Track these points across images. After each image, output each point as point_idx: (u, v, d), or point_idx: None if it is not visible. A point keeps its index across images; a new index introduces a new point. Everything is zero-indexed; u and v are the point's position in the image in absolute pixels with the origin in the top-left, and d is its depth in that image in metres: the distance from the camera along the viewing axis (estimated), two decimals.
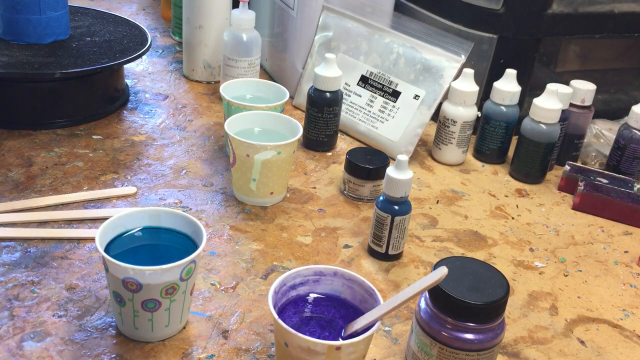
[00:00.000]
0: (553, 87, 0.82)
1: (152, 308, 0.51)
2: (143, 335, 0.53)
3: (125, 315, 0.52)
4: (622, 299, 0.67)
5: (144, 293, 0.50)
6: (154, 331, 0.53)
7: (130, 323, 0.53)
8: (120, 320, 0.53)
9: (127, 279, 0.50)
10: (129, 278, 0.50)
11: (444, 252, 0.71)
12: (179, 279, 0.51)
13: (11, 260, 0.61)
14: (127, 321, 0.53)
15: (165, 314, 0.52)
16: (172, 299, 0.52)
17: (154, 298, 0.51)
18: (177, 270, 0.50)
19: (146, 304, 0.51)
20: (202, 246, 0.52)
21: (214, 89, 1.00)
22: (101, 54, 0.86)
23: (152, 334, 0.53)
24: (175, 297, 0.52)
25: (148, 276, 0.49)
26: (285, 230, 0.71)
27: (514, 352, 0.58)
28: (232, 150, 0.71)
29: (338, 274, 0.53)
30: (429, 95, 0.86)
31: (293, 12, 0.95)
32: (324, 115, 0.85)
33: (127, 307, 0.51)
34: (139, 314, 0.52)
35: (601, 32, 0.95)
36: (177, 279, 0.51)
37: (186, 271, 0.51)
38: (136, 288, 0.50)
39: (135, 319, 0.52)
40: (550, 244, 0.74)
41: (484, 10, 0.90)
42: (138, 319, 0.52)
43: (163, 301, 0.51)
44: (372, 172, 0.75)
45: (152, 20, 1.25)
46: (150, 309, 0.51)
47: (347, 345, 0.47)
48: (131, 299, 0.51)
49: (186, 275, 0.51)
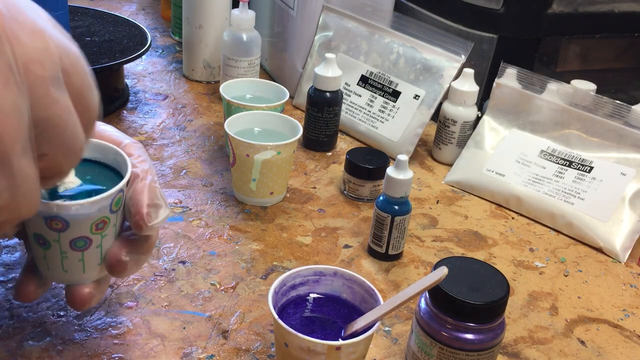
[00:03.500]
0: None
1: (82, 247, 0.46)
2: (73, 278, 0.47)
3: (51, 259, 0.46)
4: (622, 299, 0.67)
5: (72, 231, 0.45)
6: (86, 272, 0.47)
7: (57, 266, 0.47)
8: (45, 265, 0.47)
9: (51, 218, 0.44)
10: (54, 216, 0.43)
11: (444, 252, 0.71)
12: (109, 211, 0.45)
13: (11, 260, 0.61)
14: (53, 265, 0.47)
15: (97, 251, 0.47)
16: (103, 234, 0.46)
17: (83, 235, 0.45)
18: (107, 201, 0.45)
19: (75, 242, 0.45)
20: (128, 172, 0.46)
21: (214, 88, 1.00)
22: (101, 54, 0.86)
23: (85, 275, 0.47)
24: (107, 231, 0.46)
25: (75, 211, 0.43)
26: (285, 230, 0.71)
27: (514, 352, 0.58)
28: (232, 150, 0.71)
29: (338, 274, 0.53)
30: (429, 95, 0.86)
31: (293, 12, 0.95)
32: (324, 115, 0.85)
33: (53, 249, 0.45)
34: (68, 255, 0.46)
35: (601, 32, 0.95)
36: (107, 211, 0.45)
37: (115, 202, 0.46)
38: (62, 227, 0.44)
39: (64, 261, 0.46)
40: (550, 244, 0.74)
41: (484, 10, 0.90)
42: (67, 260, 0.46)
43: (94, 237, 0.46)
44: (372, 172, 0.75)
45: (152, 20, 1.25)
46: (80, 247, 0.46)
47: (347, 345, 0.47)
48: (57, 239, 0.45)
49: (116, 206, 0.46)
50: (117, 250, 0.47)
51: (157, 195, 0.47)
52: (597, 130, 0.78)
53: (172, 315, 0.57)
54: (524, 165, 0.80)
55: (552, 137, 0.81)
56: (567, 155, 0.79)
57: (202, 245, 0.66)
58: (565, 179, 0.77)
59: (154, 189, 0.46)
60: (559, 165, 0.79)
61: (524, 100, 0.83)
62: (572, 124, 0.80)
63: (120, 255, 0.46)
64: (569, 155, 0.79)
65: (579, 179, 0.77)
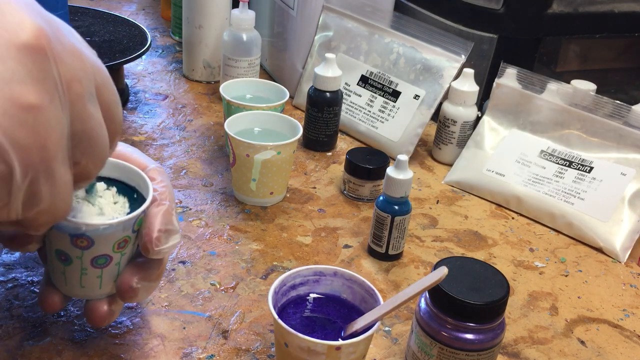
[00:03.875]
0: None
1: (102, 264, 0.47)
2: (89, 294, 0.49)
3: (70, 274, 0.48)
4: (622, 299, 0.67)
5: (96, 249, 0.46)
6: (102, 287, 0.49)
7: (76, 282, 0.48)
8: (63, 280, 0.48)
9: (78, 236, 0.45)
10: (80, 234, 0.45)
11: (444, 252, 0.71)
12: (131, 231, 0.47)
13: (11, 260, 0.61)
14: (72, 280, 0.48)
15: (115, 268, 0.48)
16: (122, 253, 0.48)
17: (105, 254, 0.47)
18: (131, 222, 0.47)
19: (97, 260, 0.47)
20: (150, 193, 0.48)
21: (214, 88, 1.00)
22: (101, 54, 0.85)
23: (101, 291, 0.49)
24: (126, 250, 0.48)
25: (102, 231, 0.45)
26: (285, 230, 0.71)
27: (514, 352, 0.58)
28: (232, 150, 0.71)
29: (338, 274, 0.53)
30: (429, 95, 0.86)
31: (293, 12, 0.95)
32: (324, 115, 0.85)
33: (74, 265, 0.47)
34: (87, 272, 0.47)
35: (601, 32, 0.95)
36: (130, 231, 0.47)
37: (138, 222, 0.47)
38: (87, 244, 0.46)
39: (83, 277, 0.48)
40: (550, 244, 0.74)
41: (484, 10, 0.90)
42: (86, 276, 0.48)
43: (114, 256, 0.48)
44: (372, 172, 0.75)
45: (152, 20, 1.25)
46: (101, 265, 0.47)
47: (347, 345, 0.47)
48: (80, 256, 0.47)
49: (137, 226, 0.48)
50: (129, 277, 0.48)
51: (172, 221, 0.48)
52: (597, 130, 0.78)
53: (172, 315, 0.57)
54: (524, 166, 0.80)
55: (552, 137, 0.81)
56: (567, 155, 0.79)
57: (202, 245, 0.66)
58: (565, 179, 0.77)
59: (170, 215, 0.48)
60: (559, 165, 0.79)
61: (524, 100, 0.83)
62: (572, 124, 0.80)
63: (132, 282, 0.48)
64: (569, 155, 0.79)
65: (579, 179, 0.77)
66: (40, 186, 0.36)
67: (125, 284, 0.48)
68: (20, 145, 0.34)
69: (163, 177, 0.51)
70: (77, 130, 0.37)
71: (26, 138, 0.34)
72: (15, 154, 0.34)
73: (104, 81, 0.40)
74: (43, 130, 0.35)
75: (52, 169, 0.36)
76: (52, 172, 0.36)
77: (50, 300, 0.49)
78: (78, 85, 0.37)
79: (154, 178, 0.50)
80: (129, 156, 0.51)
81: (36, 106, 0.34)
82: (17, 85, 0.34)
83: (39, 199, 0.36)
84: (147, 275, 0.49)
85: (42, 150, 0.35)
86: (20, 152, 0.34)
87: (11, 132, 0.33)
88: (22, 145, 0.34)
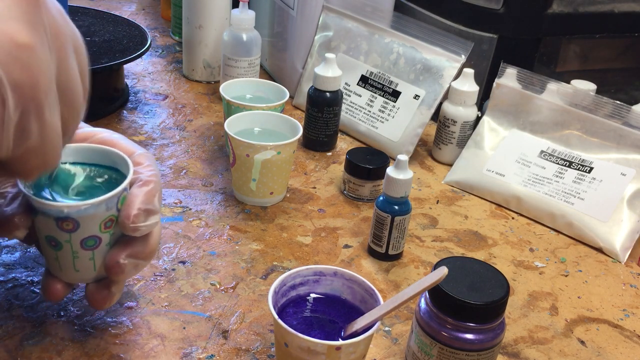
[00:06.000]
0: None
1: (92, 246, 0.48)
2: (85, 277, 0.50)
3: (63, 259, 0.48)
4: (622, 299, 0.67)
5: (82, 231, 0.47)
6: (96, 270, 0.50)
7: (69, 267, 0.49)
8: (58, 266, 0.49)
9: (62, 219, 0.46)
10: (64, 217, 0.46)
11: (444, 252, 0.71)
12: (116, 209, 0.48)
13: (11, 260, 0.61)
14: (65, 265, 0.49)
15: (107, 249, 0.49)
16: (111, 232, 0.48)
17: (93, 235, 0.47)
18: (113, 200, 0.47)
19: (86, 242, 0.48)
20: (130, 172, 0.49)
21: (214, 88, 1.00)
22: (101, 54, 0.86)
23: (96, 273, 0.50)
24: (114, 229, 0.49)
25: (84, 210, 0.46)
26: (285, 230, 0.71)
27: (514, 352, 0.58)
28: (232, 150, 0.71)
29: (338, 274, 0.53)
30: (429, 95, 0.86)
31: (293, 12, 0.95)
32: (324, 115, 0.85)
33: (65, 249, 0.48)
34: (79, 255, 0.48)
35: (601, 32, 0.95)
36: (114, 209, 0.48)
37: (121, 200, 0.48)
38: (73, 227, 0.46)
39: (76, 261, 0.48)
40: (550, 244, 0.74)
41: (484, 10, 0.90)
42: (78, 260, 0.48)
43: (103, 236, 0.48)
44: (372, 172, 0.75)
45: (152, 20, 1.25)
46: (91, 246, 0.48)
47: (347, 345, 0.47)
48: (68, 239, 0.47)
49: (121, 205, 0.48)
50: (117, 253, 0.49)
51: (153, 202, 0.49)
52: (597, 131, 0.78)
53: (172, 315, 0.57)
54: (524, 166, 0.80)
55: (552, 138, 0.81)
56: (567, 155, 0.79)
57: (202, 245, 0.66)
58: (565, 179, 0.77)
59: (152, 196, 0.49)
60: (559, 165, 0.79)
61: (524, 101, 0.83)
62: (572, 124, 0.80)
63: (119, 258, 0.48)
64: (569, 155, 0.79)
65: (579, 179, 0.77)
66: (31, 122, 0.38)
67: (112, 260, 0.48)
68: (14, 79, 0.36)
69: (150, 162, 0.51)
70: (61, 80, 0.39)
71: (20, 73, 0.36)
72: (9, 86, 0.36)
73: (79, 44, 0.42)
74: (35, 69, 0.37)
75: (42, 108, 0.38)
76: (42, 111, 0.38)
77: (52, 288, 0.50)
78: (63, 37, 0.40)
79: (141, 162, 0.51)
80: (115, 142, 0.52)
81: (30, 45, 0.36)
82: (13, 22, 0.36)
83: (29, 134, 0.38)
84: (135, 253, 0.49)
85: (34, 87, 0.37)
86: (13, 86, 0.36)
87: (6, 66, 0.35)
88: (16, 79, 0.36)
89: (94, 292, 0.50)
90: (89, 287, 0.51)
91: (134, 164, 0.50)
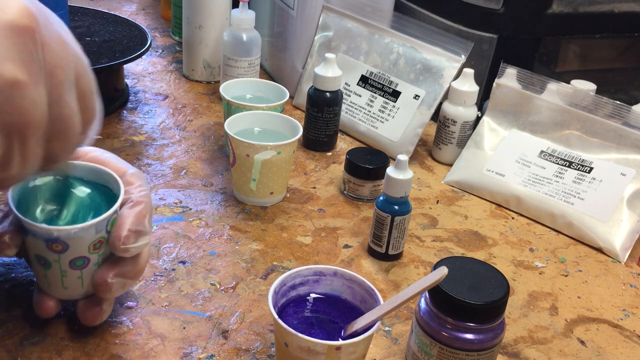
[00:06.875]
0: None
1: (80, 265, 0.49)
2: (72, 294, 0.51)
3: (52, 277, 0.50)
4: (622, 299, 0.67)
5: (71, 252, 0.48)
6: (84, 287, 0.51)
7: (57, 284, 0.50)
8: (47, 283, 0.50)
9: (52, 241, 0.47)
10: (54, 239, 0.47)
11: (444, 252, 0.71)
12: (105, 232, 0.49)
13: (11, 261, 0.61)
14: (54, 283, 0.50)
15: (95, 268, 0.50)
16: (99, 253, 0.50)
17: (82, 256, 0.48)
18: (103, 223, 0.48)
19: (74, 262, 0.48)
20: (121, 195, 0.49)
21: (214, 89, 1.00)
22: (101, 54, 0.86)
23: (83, 290, 0.51)
24: (103, 250, 0.50)
25: (74, 234, 0.47)
26: (285, 230, 0.71)
27: (514, 352, 0.58)
28: (232, 150, 0.71)
29: (338, 274, 0.53)
30: (429, 95, 0.86)
31: (293, 12, 0.95)
32: (324, 115, 0.85)
33: (54, 268, 0.49)
34: (67, 274, 0.49)
35: (601, 32, 0.95)
36: (103, 232, 0.49)
37: (111, 223, 0.49)
38: (62, 249, 0.47)
39: (64, 279, 0.50)
40: (550, 244, 0.74)
41: (484, 10, 0.90)
42: (67, 278, 0.49)
43: (92, 257, 0.49)
44: (372, 172, 0.76)
45: (152, 20, 1.25)
46: (79, 266, 0.49)
47: (347, 345, 0.47)
48: (57, 260, 0.48)
49: (110, 227, 0.49)
50: (105, 272, 0.50)
51: (144, 223, 0.49)
52: (597, 131, 0.78)
53: (172, 315, 0.57)
54: (524, 166, 0.80)
55: (552, 138, 0.81)
56: (567, 155, 0.79)
57: (202, 245, 0.66)
58: (565, 180, 0.77)
59: (142, 217, 0.49)
60: (558, 165, 0.79)
61: (524, 101, 0.83)
62: (572, 125, 0.80)
63: (107, 277, 0.50)
64: (569, 155, 0.79)
65: (579, 179, 0.77)
66: (14, 158, 0.39)
67: (100, 279, 0.49)
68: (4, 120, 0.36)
69: (142, 182, 0.52)
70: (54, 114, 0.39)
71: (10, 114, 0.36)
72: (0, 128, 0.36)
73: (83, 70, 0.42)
74: (26, 109, 0.37)
75: (28, 145, 0.39)
76: (28, 148, 0.39)
77: (45, 305, 0.51)
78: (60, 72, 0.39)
79: (132, 182, 0.51)
80: (108, 162, 0.52)
81: (23, 84, 0.36)
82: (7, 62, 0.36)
83: (9, 168, 0.39)
84: (123, 272, 0.50)
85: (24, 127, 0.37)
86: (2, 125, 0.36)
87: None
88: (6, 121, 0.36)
89: (84, 310, 0.51)
90: (79, 305, 0.52)
91: (125, 184, 0.51)
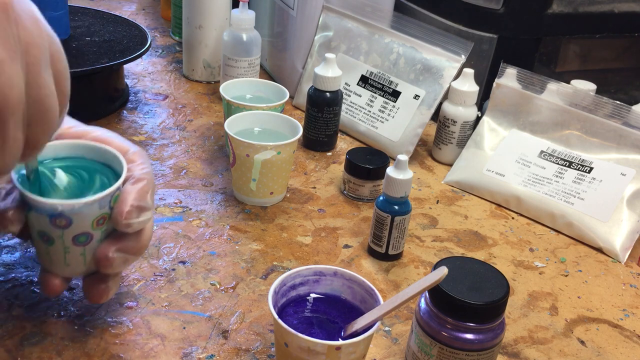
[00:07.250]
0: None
1: (83, 242, 0.49)
2: (74, 271, 0.51)
3: (55, 254, 0.49)
4: (622, 299, 0.67)
5: (75, 228, 0.47)
6: (86, 264, 0.50)
7: (60, 261, 0.50)
8: (49, 259, 0.50)
9: (56, 216, 0.46)
10: (58, 214, 0.46)
11: (444, 252, 0.71)
12: (108, 207, 0.48)
13: (11, 260, 0.61)
14: (56, 260, 0.50)
15: (97, 245, 0.50)
16: (103, 229, 0.49)
17: (85, 232, 0.48)
18: (106, 199, 0.48)
19: (78, 238, 0.48)
20: (124, 171, 0.49)
21: (214, 88, 1.00)
22: (101, 53, 0.86)
23: (86, 267, 0.51)
24: (106, 226, 0.49)
25: (78, 209, 0.47)
26: (285, 230, 0.71)
27: (514, 352, 0.58)
28: (232, 150, 0.71)
29: (338, 274, 0.53)
30: (429, 95, 0.86)
31: (293, 12, 0.95)
32: (324, 115, 0.85)
33: (57, 245, 0.48)
34: (70, 250, 0.49)
35: (601, 32, 0.95)
36: (107, 208, 0.48)
37: (114, 199, 0.48)
38: (66, 224, 0.47)
39: (67, 256, 0.49)
40: (550, 244, 0.74)
41: (484, 10, 0.90)
42: (69, 255, 0.49)
43: (95, 233, 0.49)
44: (372, 172, 0.76)
45: (152, 20, 1.25)
46: (82, 242, 0.49)
47: (347, 345, 0.47)
48: (61, 235, 0.48)
49: (114, 203, 0.49)
50: (107, 247, 0.49)
51: (146, 198, 0.49)
52: (597, 131, 0.78)
53: (172, 315, 0.57)
54: (524, 166, 0.80)
55: (552, 138, 0.81)
56: (567, 155, 0.79)
57: (202, 245, 0.66)
58: (565, 180, 0.77)
59: (145, 193, 0.49)
60: (558, 165, 0.79)
61: (524, 101, 0.83)
62: (572, 125, 0.80)
63: (108, 252, 0.49)
64: (569, 155, 0.79)
65: (579, 179, 0.77)
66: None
67: (102, 254, 0.49)
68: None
69: (143, 160, 0.52)
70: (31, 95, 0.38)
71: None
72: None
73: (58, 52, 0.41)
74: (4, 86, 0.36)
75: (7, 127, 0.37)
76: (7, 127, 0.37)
77: (51, 283, 0.51)
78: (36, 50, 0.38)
79: (134, 160, 0.51)
80: (110, 141, 0.52)
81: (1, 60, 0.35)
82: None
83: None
84: (125, 247, 0.50)
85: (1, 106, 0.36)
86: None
87: None
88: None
89: (89, 287, 0.51)
90: (85, 281, 0.51)
91: (128, 162, 0.51)
